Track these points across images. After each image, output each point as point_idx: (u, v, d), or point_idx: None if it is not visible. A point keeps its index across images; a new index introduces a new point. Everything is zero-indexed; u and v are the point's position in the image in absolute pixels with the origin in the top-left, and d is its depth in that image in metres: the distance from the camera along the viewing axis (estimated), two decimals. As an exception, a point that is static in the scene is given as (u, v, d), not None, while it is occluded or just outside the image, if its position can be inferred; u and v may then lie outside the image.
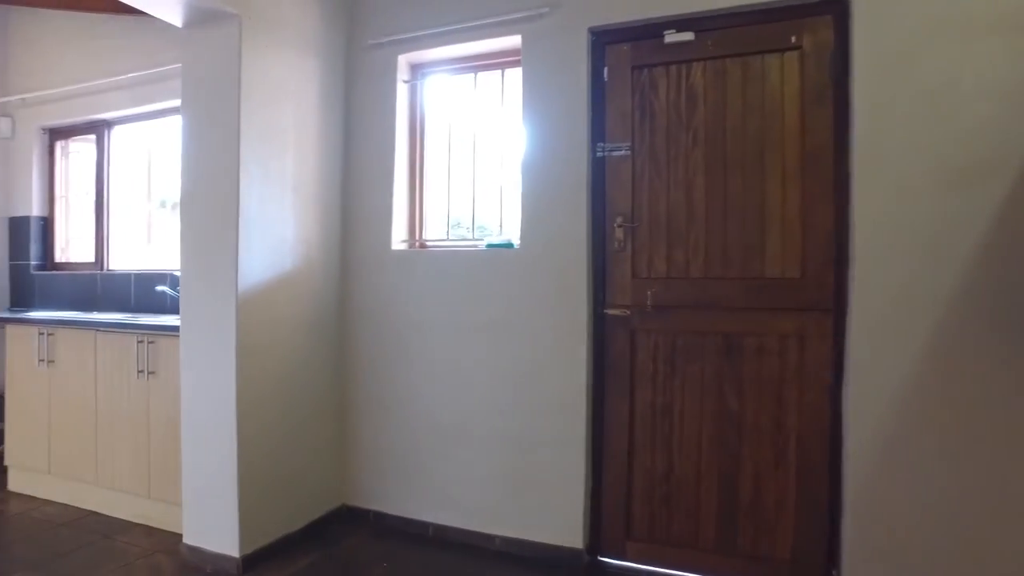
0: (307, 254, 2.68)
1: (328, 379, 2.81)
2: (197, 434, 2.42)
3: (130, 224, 3.94)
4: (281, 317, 2.54)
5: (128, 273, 3.76)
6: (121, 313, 3.44)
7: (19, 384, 3.26)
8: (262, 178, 2.41)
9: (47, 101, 4.04)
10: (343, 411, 2.89)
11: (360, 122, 2.86)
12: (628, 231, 2.38)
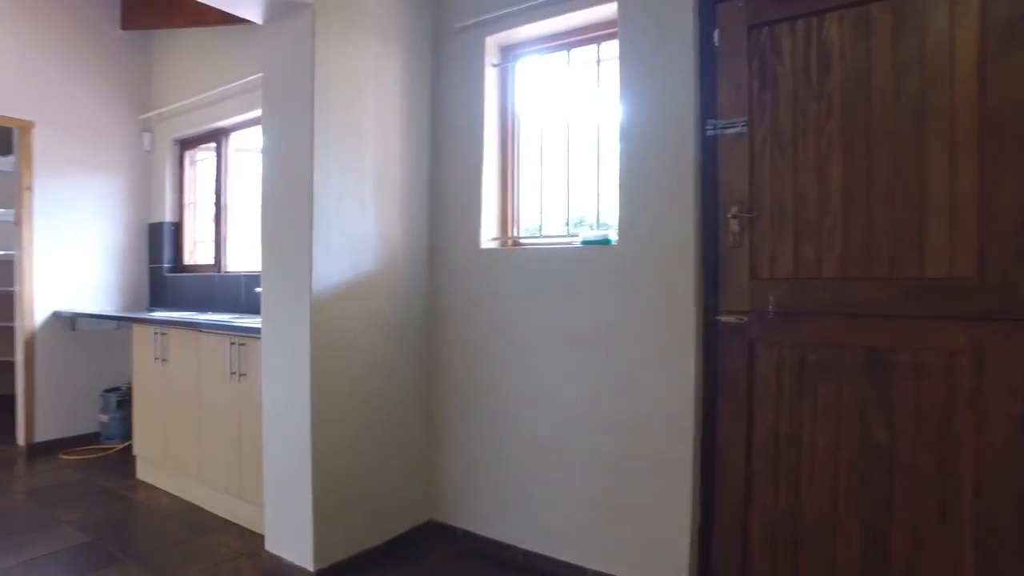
0: (390, 254, 2.57)
1: (415, 386, 2.69)
2: (275, 439, 2.39)
3: (245, 226, 4.12)
4: (361, 319, 2.45)
5: (239, 275, 3.93)
6: (230, 314, 3.57)
7: (142, 380, 3.48)
8: (340, 175, 2.33)
9: (177, 114, 4.35)
10: (431, 420, 2.76)
11: (447, 112, 2.72)
12: (745, 222, 2.01)
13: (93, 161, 4.29)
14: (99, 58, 4.30)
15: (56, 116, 4.09)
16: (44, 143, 4.05)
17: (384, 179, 2.54)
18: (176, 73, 4.41)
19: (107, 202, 4.37)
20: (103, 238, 4.36)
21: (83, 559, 2.49)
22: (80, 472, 3.62)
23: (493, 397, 2.56)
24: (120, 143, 4.44)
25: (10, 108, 3.90)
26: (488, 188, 2.64)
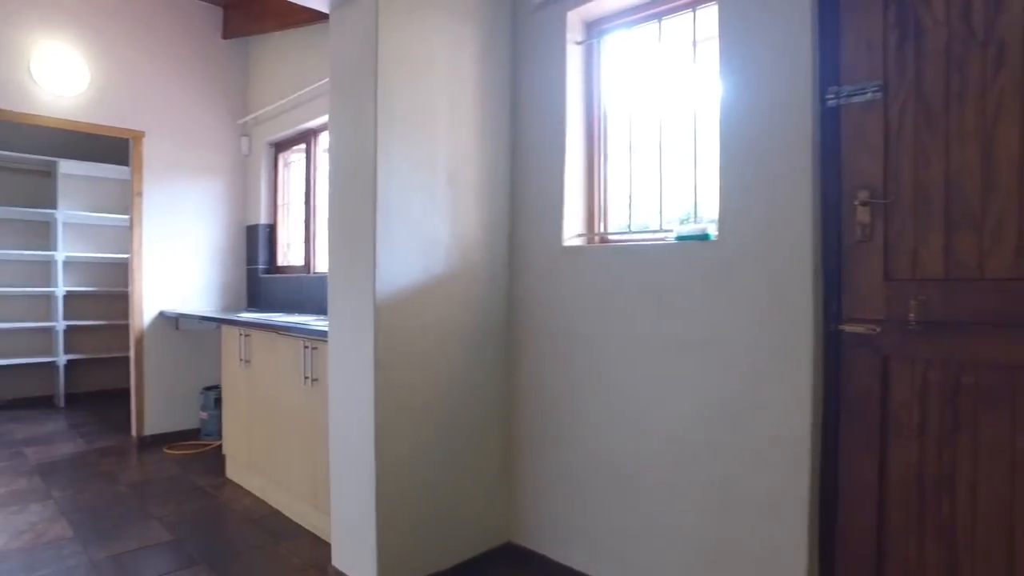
0: (465, 253, 2.41)
1: (492, 397, 2.51)
2: (340, 450, 2.29)
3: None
4: (432, 325, 2.30)
5: (326, 276, 3.95)
6: (316, 316, 3.57)
7: (229, 381, 3.56)
8: (407, 168, 2.19)
9: (271, 116, 4.46)
10: (510, 434, 2.57)
11: (527, 96, 2.52)
12: (877, 211, 1.65)
13: (196, 166, 4.49)
14: (202, 68, 4.50)
15: (163, 125, 4.31)
16: (153, 151, 4.28)
17: (458, 173, 2.37)
18: (269, 77, 4.53)
19: (208, 205, 4.57)
20: (205, 240, 4.55)
21: (163, 558, 2.52)
22: (178, 467, 3.76)
23: (578, 412, 2.33)
24: (220, 148, 4.62)
25: (124, 120, 4.15)
26: (572, 178, 2.40)
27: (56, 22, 3.89)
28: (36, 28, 3.82)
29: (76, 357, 5.58)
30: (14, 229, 5.47)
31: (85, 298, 5.73)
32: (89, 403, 5.60)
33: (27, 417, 5.09)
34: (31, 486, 3.41)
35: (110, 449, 4.16)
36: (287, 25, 4.14)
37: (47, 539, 2.71)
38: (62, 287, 5.49)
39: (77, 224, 5.66)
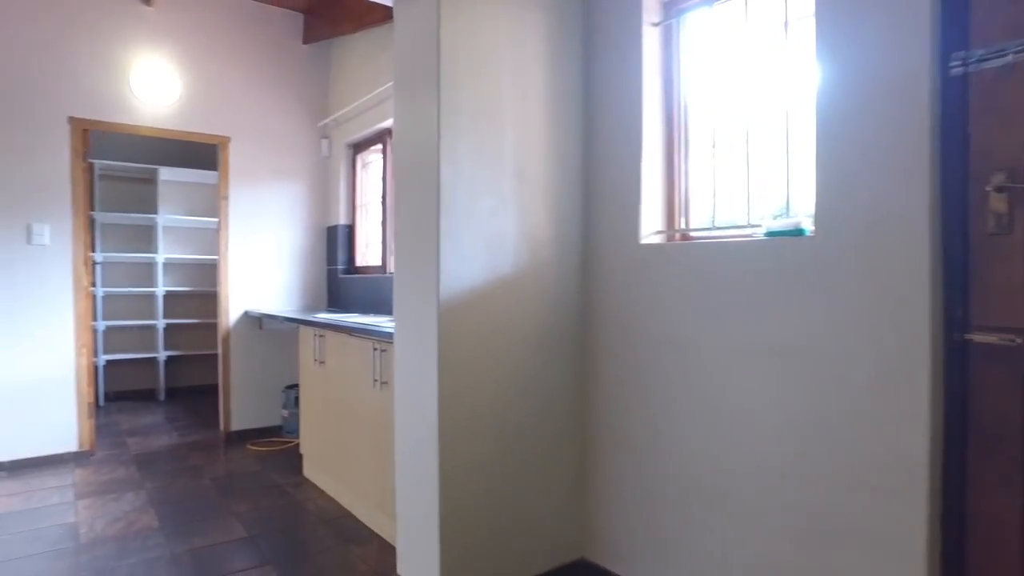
0: (534, 252, 2.29)
1: (565, 404, 2.38)
2: (405, 457, 2.24)
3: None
4: (500, 327, 2.20)
5: (400, 276, 3.95)
6: (389, 317, 3.57)
7: (306, 380, 3.62)
8: (472, 162, 2.10)
9: (350, 118, 4.53)
10: (584, 444, 2.44)
11: (599, 84, 2.37)
12: (1018, 197, 1.39)
13: (278, 169, 4.64)
14: (284, 73, 4.64)
15: (248, 130, 4.48)
16: (238, 156, 4.45)
17: (526, 167, 2.27)
18: (348, 78, 4.60)
19: (290, 207, 4.70)
20: (287, 241, 4.69)
21: (236, 555, 2.57)
22: (260, 464, 3.88)
23: (656, 422, 2.16)
24: (301, 151, 4.75)
25: (212, 126, 4.34)
26: (649, 171, 2.24)
27: (152, 39, 4.11)
28: (135, 46, 4.05)
29: (174, 354, 5.92)
30: (122, 233, 5.88)
31: (182, 297, 6.08)
32: (186, 397, 5.93)
33: (132, 409, 5.45)
34: (128, 475, 3.61)
35: (199, 443, 4.36)
36: (364, 26, 4.18)
37: (136, 528, 2.84)
38: (162, 287, 5.84)
39: (174, 227, 6.02)
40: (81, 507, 3.10)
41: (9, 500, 3.21)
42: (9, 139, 3.66)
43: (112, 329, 5.77)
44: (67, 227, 3.82)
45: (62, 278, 3.81)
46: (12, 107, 3.67)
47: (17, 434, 3.70)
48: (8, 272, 3.66)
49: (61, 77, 3.81)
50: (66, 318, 3.82)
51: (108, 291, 5.68)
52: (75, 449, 3.88)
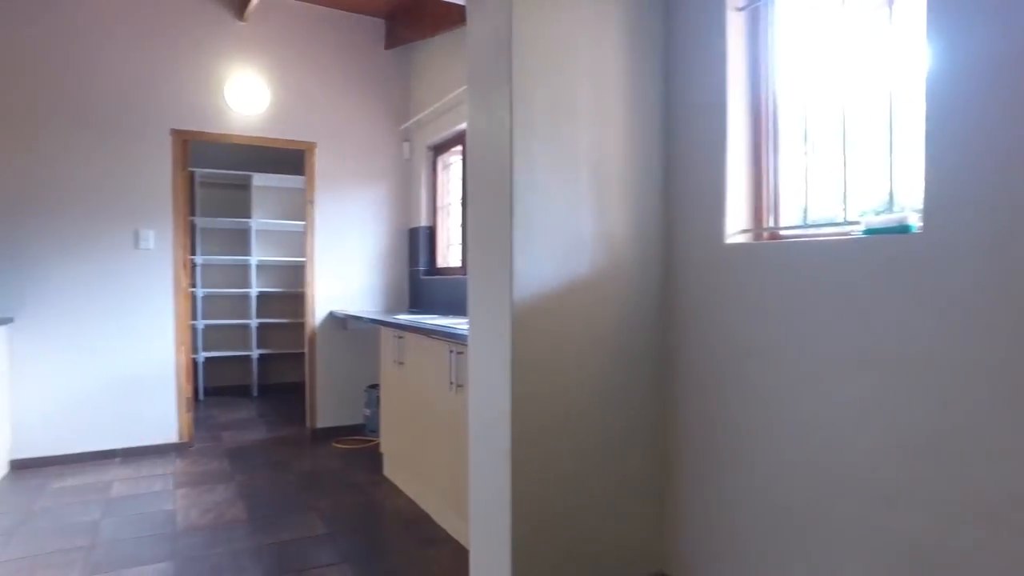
0: (612, 254, 2.22)
1: (642, 412, 2.30)
2: (478, 460, 2.22)
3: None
4: (576, 330, 2.15)
5: (477, 277, 3.96)
6: (466, 317, 3.59)
7: (386, 381, 3.70)
8: (546, 160, 2.06)
9: (430, 120, 4.61)
10: (662, 455, 2.34)
11: (681, 75, 2.27)
12: None
13: (361, 172, 4.78)
14: (367, 78, 4.78)
15: (333, 135, 4.65)
16: (323, 160, 4.62)
17: (603, 164, 2.20)
18: (429, 81, 4.68)
19: (372, 210, 4.83)
20: (370, 243, 4.83)
21: (314, 551, 2.65)
22: (342, 461, 4.00)
23: (741, 435, 2.04)
24: (384, 154, 4.87)
25: (298, 133, 4.53)
26: (734, 167, 2.12)
27: (244, 53, 4.35)
28: (229, 60, 4.30)
29: (266, 352, 6.24)
30: (220, 237, 6.26)
31: (273, 298, 6.40)
32: (276, 394, 6.23)
33: (228, 404, 5.78)
34: (221, 467, 3.82)
35: (286, 439, 4.56)
36: (443, 29, 4.24)
37: (226, 519, 2.99)
38: (255, 288, 6.17)
39: (266, 231, 6.34)
40: (179, 496, 3.30)
41: (122, 485, 3.47)
42: (121, 152, 3.97)
43: (210, 327, 6.15)
44: (168, 232, 4.10)
45: (164, 280, 4.09)
46: (123, 122, 3.98)
47: (128, 425, 4.01)
48: (119, 275, 3.97)
49: (164, 92, 4.10)
50: (167, 317, 4.10)
51: (207, 292, 6.06)
52: (175, 440, 4.15)
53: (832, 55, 1.91)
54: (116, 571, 2.46)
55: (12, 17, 3.73)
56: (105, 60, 3.94)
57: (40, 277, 3.80)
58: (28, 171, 3.76)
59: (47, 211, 3.81)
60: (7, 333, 3.71)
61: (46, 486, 3.47)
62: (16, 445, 3.76)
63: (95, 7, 3.92)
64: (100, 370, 3.94)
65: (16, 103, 3.74)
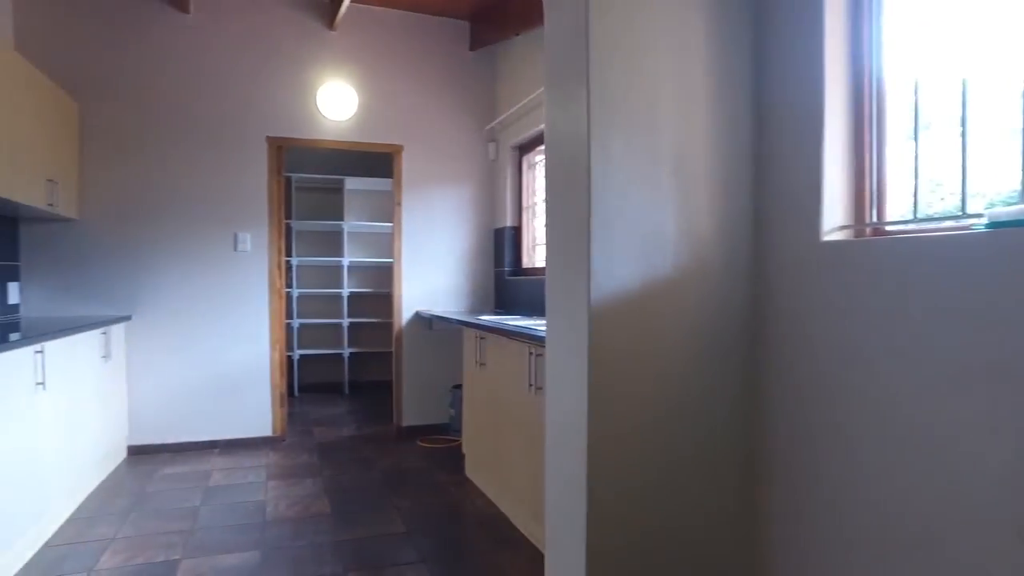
0: (696, 253, 2.11)
1: (728, 423, 2.17)
2: (554, 465, 2.18)
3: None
4: (657, 333, 2.06)
5: (560, 278, 3.92)
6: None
7: (468, 381, 3.73)
8: (625, 156, 1.99)
9: (515, 120, 4.62)
10: (751, 469, 2.20)
11: (772, 60, 2.13)
12: None
13: (447, 174, 4.86)
14: (452, 80, 4.86)
15: (419, 137, 4.75)
16: (410, 163, 4.74)
17: (686, 159, 2.10)
18: (513, 81, 4.69)
19: (458, 210, 4.90)
20: (456, 244, 4.90)
21: (391, 549, 2.70)
22: (426, 460, 4.07)
23: (846, 449, 1.88)
24: (469, 155, 4.93)
25: (386, 136, 4.67)
26: (832, 156, 1.96)
27: (334, 60, 4.54)
28: (320, 68, 4.50)
29: (357, 350, 6.48)
30: (314, 239, 6.57)
31: (363, 298, 6.64)
32: (366, 392, 6.45)
33: (320, 400, 6.05)
34: (310, 462, 3.99)
35: (373, 436, 4.70)
36: (527, 28, 4.23)
37: (311, 512, 3.11)
38: (347, 289, 6.42)
39: (357, 233, 6.59)
40: (270, 487, 3.47)
41: (220, 474, 3.70)
42: (221, 160, 4.25)
43: (305, 326, 6.46)
44: (264, 235, 4.34)
45: (259, 281, 4.33)
46: (223, 132, 4.25)
47: (227, 418, 4.28)
48: (219, 277, 4.24)
49: (261, 101, 4.34)
50: (262, 316, 4.34)
51: (302, 292, 6.37)
52: (269, 434, 4.39)
53: (951, 28, 1.73)
54: (211, 556, 2.62)
55: (123, 39, 4.07)
56: (207, 75, 4.23)
57: (152, 278, 4.13)
58: (141, 181, 4.10)
59: (158, 218, 4.13)
60: (126, 329, 4.06)
61: (156, 472, 3.75)
62: (132, 433, 4.10)
63: (198, 27, 4.22)
64: (203, 366, 4.23)
65: (129, 120, 4.08)
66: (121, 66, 4.06)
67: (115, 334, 3.85)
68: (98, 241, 4.02)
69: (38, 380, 2.66)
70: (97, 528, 2.91)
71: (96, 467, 3.51)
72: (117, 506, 3.19)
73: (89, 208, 4.00)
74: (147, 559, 2.59)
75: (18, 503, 2.49)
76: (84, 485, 3.33)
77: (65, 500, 3.04)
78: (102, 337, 3.54)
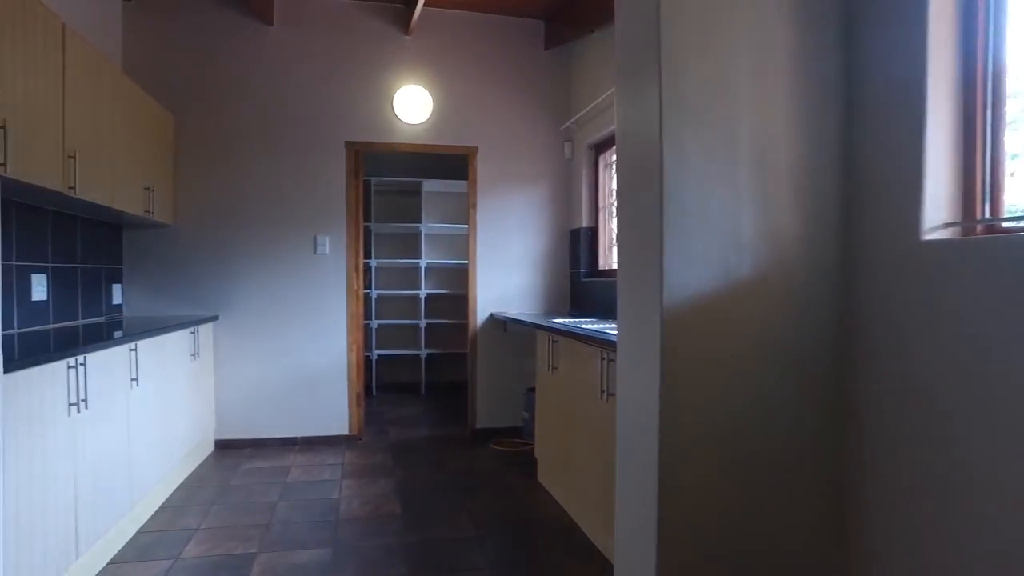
0: (777, 253, 1.98)
1: (818, 436, 2.02)
2: (624, 477, 2.10)
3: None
4: (735, 341, 1.94)
5: (635, 280, 3.81)
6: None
7: (540, 385, 3.69)
8: (700, 150, 1.89)
9: (591, 118, 4.55)
10: (840, 490, 2.04)
11: (864, 41, 1.97)
12: None
13: (522, 174, 4.85)
14: (526, 80, 4.84)
15: (494, 139, 4.76)
16: (485, 164, 4.75)
17: (768, 152, 1.97)
18: (588, 78, 4.61)
19: (533, 212, 4.88)
20: (531, 245, 4.88)
21: (459, 554, 2.70)
22: (498, 463, 4.07)
23: (943, 470, 1.71)
24: (544, 155, 4.89)
25: (461, 138, 4.71)
26: (936, 146, 1.78)
27: (410, 64, 4.62)
28: (396, 72, 4.60)
29: (433, 352, 6.57)
30: (393, 242, 6.72)
31: (440, 299, 6.73)
32: (441, 393, 6.54)
33: (397, 400, 6.18)
34: (384, 461, 4.07)
35: (447, 437, 4.74)
36: (602, 24, 4.15)
37: (382, 512, 3.16)
38: (424, 290, 6.53)
39: (434, 234, 6.69)
40: (344, 486, 3.56)
41: (298, 471, 3.84)
42: (302, 164, 4.42)
43: (383, 327, 6.62)
44: (342, 238, 4.47)
45: (337, 283, 4.47)
46: (304, 138, 4.42)
47: (307, 416, 4.44)
48: (299, 279, 4.41)
49: (340, 107, 4.48)
50: (340, 318, 4.47)
51: (380, 293, 6.53)
52: (346, 433, 4.51)
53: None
54: (285, 551, 2.70)
55: (213, 54, 4.31)
56: (290, 84, 4.41)
57: (238, 280, 4.34)
58: (228, 188, 4.32)
59: (243, 222, 4.34)
60: (214, 329, 4.28)
61: (239, 466, 3.94)
62: (219, 427, 4.32)
63: (281, 39, 4.40)
64: (284, 365, 4.41)
65: (218, 129, 4.31)
66: (211, 78, 4.30)
67: (203, 334, 4.07)
68: (190, 245, 4.26)
69: (132, 376, 2.84)
70: (184, 518, 3.08)
71: (186, 459, 3.72)
72: (202, 497, 3.36)
73: (182, 213, 4.26)
74: (227, 551, 2.71)
75: (114, 492, 2.66)
76: (175, 475, 3.54)
77: (159, 489, 3.24)
78: (191, 336, 3.75)
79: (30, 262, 3.05)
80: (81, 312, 3.59)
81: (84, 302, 3.62)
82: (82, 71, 2.88)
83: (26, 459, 2.00)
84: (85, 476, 2.39)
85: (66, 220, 3.42)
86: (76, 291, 3.53)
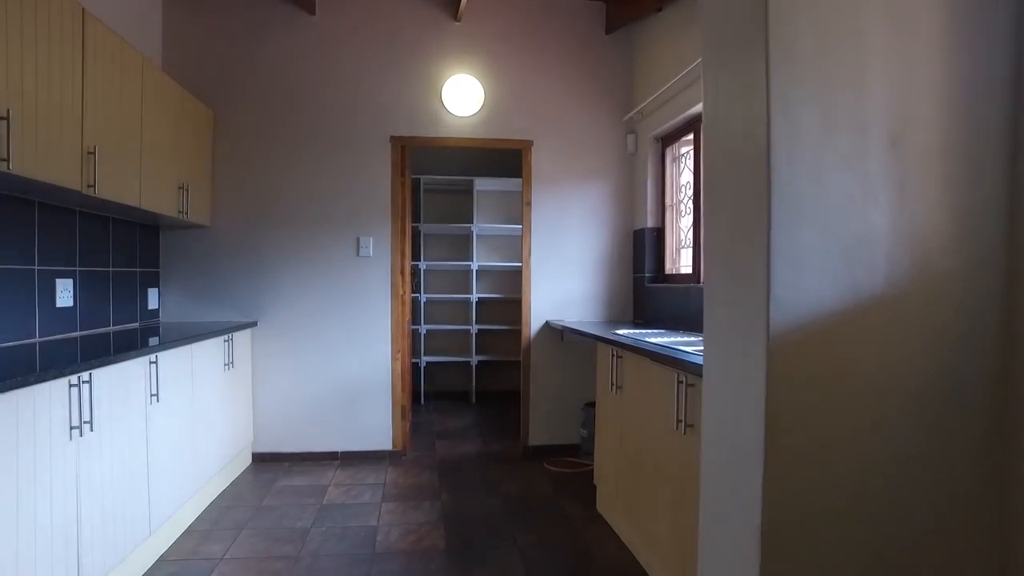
0: (919, 259, 1.53)
1: (977, 490, 1.56)
2: (711, 536, 1.68)
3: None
4: (864, 369, 1.50)
5: (710, 287, 3.36)
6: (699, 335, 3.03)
7: (602, 404, 3.29)
8: (818, 126, 1.46)
9: (656, 107, 4.12)
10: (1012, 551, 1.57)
11: (1045, -13, 1.50)
12: None
13: (580, 169, 4.44)
14: (586, 67, 4.43)
15: (550, 131, 4.38)
16: (540, 159, 4.37)
17: (907, 131, 1.52)
18: (653, 63, 4.18)
19: (593, 210, 4.47)
20: (590, 247, 4.47)
21: (514, 607, 2.33)
22: (552, 486, 3.68)
23: None
24: (605, 149, 4.48)
25: (515, 132, 4.34)
26: None
27: (459, 52, 4.27)
28: (444, 61, 4.26)
29: (485, 359, 6.23)
30: (443, 243, 6.41)
31: (492, 304, 6.38)
32: (493, 402, 6.18)
33: (446, 409, 5.86)
34: (430, 481, 3.74)
35: (498, 454, 4.38)
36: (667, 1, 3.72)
37: (424, 545, 2.82)
38: (475, 294, 6.20)
39: (487, 236, 6.34)
40: (384, 511, 3.24)
41: (336, 490, 3.55)
42: (344, 161, 4.13)
43: (433, 332, 6.32)
44: (386, 239, 4.17)
45: (381, 288, 4.16)
46: (346, 133, 4.14)
47: (348, 429, 4.15)
48: (341, 283, 4.13)
49: (384, 100, 4.18)
50: (384, 324, 4.17)
51: (429, 297, 6.22)
52: (389, 448, 4.20)
53: None
54: (313, 593, 2.39)
55: (254, 44, 4.07)
56: (331, 75, 4.13)
57: (276, 285, 4.09)
58: (266, 186, 4.07)
59: (281, 223, 4.08)
60: (252, 335, 4.05)
61: (275, 482, 3.68)
62: (257, 440, 4.08)
63: (323, 27, 4.13)
64: (325, 375, 4.13)
65: (257, 124, 4.07)
66: (251, 71, 4.07)
67: (241, 340, 3.83)
68: (227, 247, 4.04)
69: (152, 392, 2.58)
70: (209, 544, 2.81)
71: (220, 475, 3.48)
72: (232, 519, 3.10)
73: (220, 214, 4.03)
74: (250, 589, 2.42)
75: (128, 519, 2.40)
76: (209, 491, 3.31)
77: (188, 507, 3.01)
78: (224, 345, 3.50)
79: (54, 266, 2.84)
80: (112, 318, 3.38)
81: (116, 308, 3.42)
82: (105, 61, 2.65)
83: (12, 489, 1.74)
84: (90, 505, 2.13)
85: (97, 221, 3.22)
86: (107, 296, 3.33)
